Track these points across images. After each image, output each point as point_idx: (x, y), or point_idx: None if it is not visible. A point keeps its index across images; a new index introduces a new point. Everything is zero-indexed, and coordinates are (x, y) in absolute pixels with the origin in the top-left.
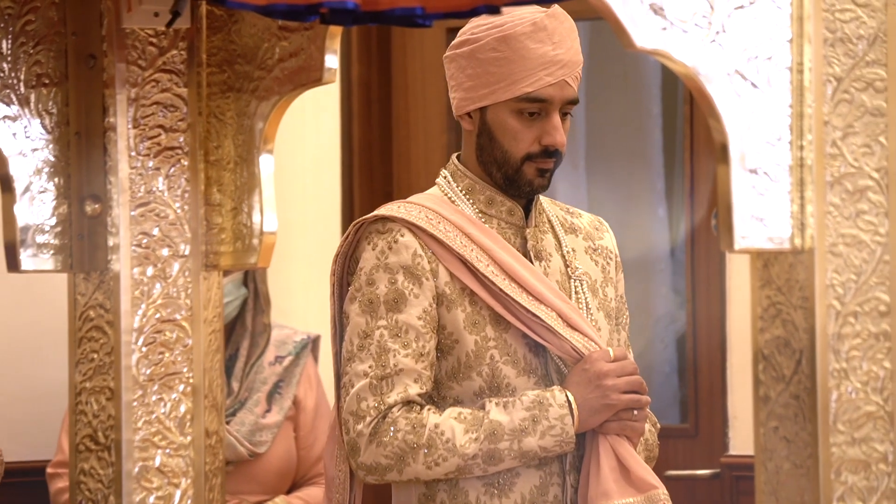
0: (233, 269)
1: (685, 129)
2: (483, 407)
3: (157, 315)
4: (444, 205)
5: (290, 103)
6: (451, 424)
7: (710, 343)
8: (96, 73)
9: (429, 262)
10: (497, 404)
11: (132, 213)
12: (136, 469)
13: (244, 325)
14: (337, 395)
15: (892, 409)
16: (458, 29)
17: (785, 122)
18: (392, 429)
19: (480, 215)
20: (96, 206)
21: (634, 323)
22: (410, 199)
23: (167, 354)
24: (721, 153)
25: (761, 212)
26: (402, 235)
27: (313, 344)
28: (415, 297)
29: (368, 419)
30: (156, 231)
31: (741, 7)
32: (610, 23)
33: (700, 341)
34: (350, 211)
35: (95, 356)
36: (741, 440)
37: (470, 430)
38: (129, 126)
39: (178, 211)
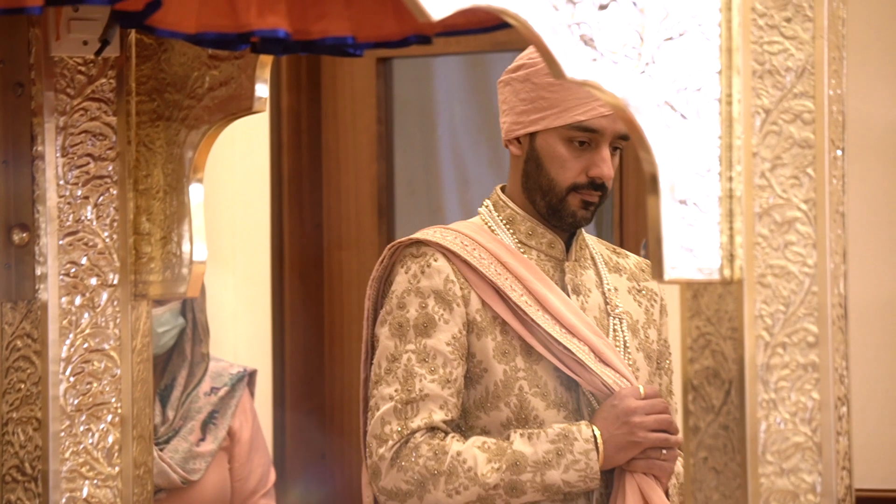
0: (162, 299)
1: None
2: (508, 437)
3: (86, 345)
4: (482, 233)
5: (220, 132)
6: (474, 453)
7: None
8: (24, 101)
9: (461, 289)
10: (522, 435)
11: (60, 242)
12: (64, 500)
13: (182, 355)
14: (363, 419)
15: (821, 440)
16: (388, 59)
17: (714, 153)
18: (414, 454)
19: (520, 245)
20: (24, 235)
21: None
22: (450, 225)
23: (95, 384)
24: (651, 184)
25: (691, 242)
26: (435, 260)
27: (250, 378)
28: (444, 322)
29: (391, 443)
30: (84, 260)
31: (670, 39)
32: (540, 53)
33: None
34: (280, 241)
35: (23, 386)
36: None
37: (493, 460)
38: (58, 154)
39: (107, 240)
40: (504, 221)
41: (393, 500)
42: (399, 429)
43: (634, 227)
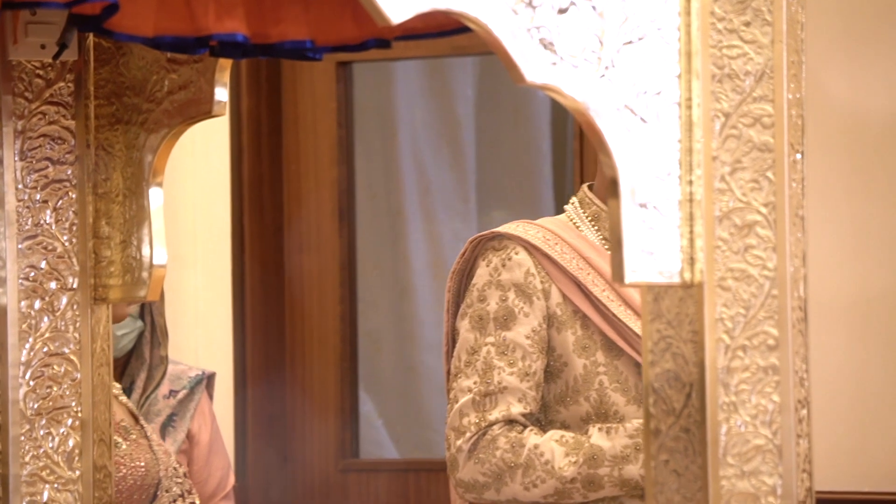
0: (122, 303)
1: (575, 165)
2: (586, 432)
3: (45, 349)
4: (567, 229)
5: (180, 136)
6: (552, 446)
7: None
8: None
9: (541, 282)
10: (600, 429)
11: (19, 245)
12: None
13: (141, 358)
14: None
15: (781, 443)
16: (348, 63)
17: (674, 156)
18: (491, 446)
19: (604, 242)
20: None
21: None
22: (536, 220)
23: (55, 388)
24: (611, 188)
25: (651, 246)
26: (516, 253)
27: (208, 381)
28: (524, 315)
29: (469, 435)
30: (43, 264)
31: (630, 42)
32: (500, 57)
33: None
34: (240, 245)
35: None
36: None
37: (570, 454)
38: (16, 158)
39: (67, 244)
40: (589, 218)
41: (470, 493)
42: (477, 421)
43: None
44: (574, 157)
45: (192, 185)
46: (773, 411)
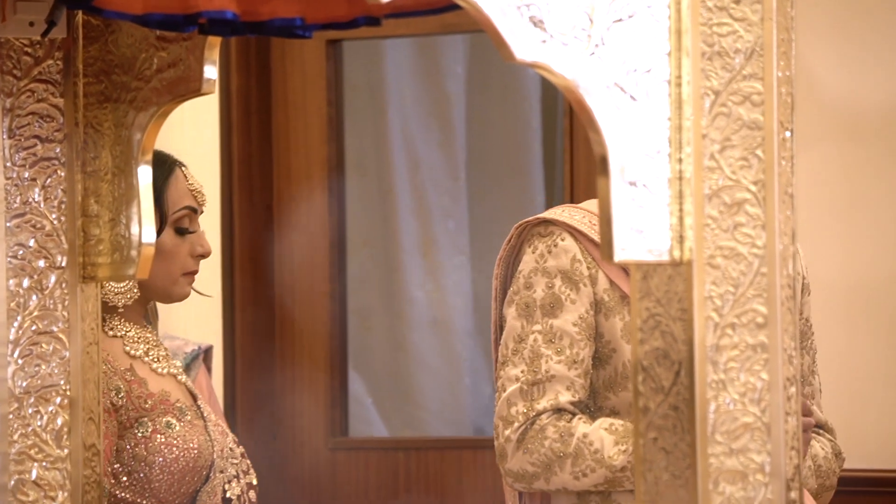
0: (111, 281)
1: (565, 142)
2: None
3: (34, 327)
4: None
5: (169, 114)
6: (601, 435)
7: None
8: None
9: (588, 268)
10: None
11: (8, 224)
12: (13, 482)
13: None
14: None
15: (769, 420)
16: (338, 41)
17: (664, 134)
18: (540, 436)
19: None
20: None
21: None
22: (580, 204)
23: (44, 367)
24: (601, 166)
25: (641, 224)
26: (562, 239)
27: (205, 354)
28: (571, 302)
29: (517, 425)
30: (32, 242)
31: (620, 20)
32: (490, 35)
33: None
34: (230, 222)
35: None
36: None
37: (620, 442)
38: (5, 136)
39: (55, 222)
40: None
41: (519, 483)
42: (525, 410)
43: None
44: (564, 135)
45: None
46: (762, 389)
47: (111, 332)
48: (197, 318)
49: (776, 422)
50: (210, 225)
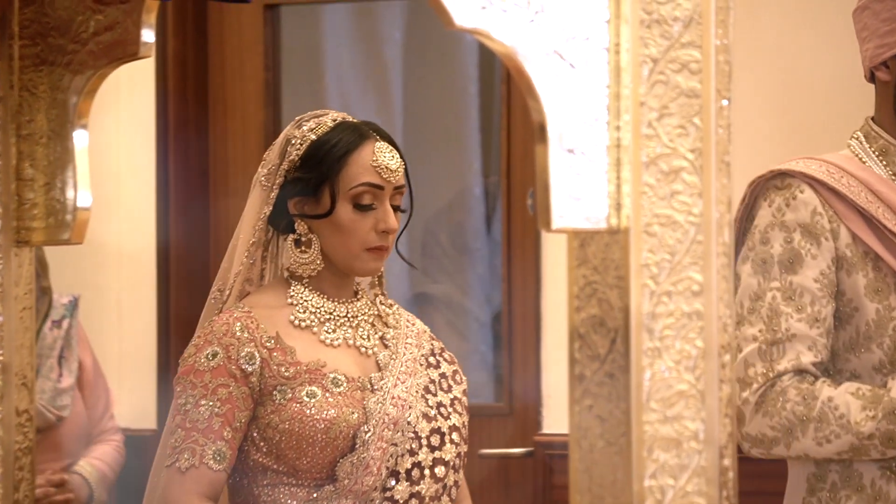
0: (46, 245)
1: (502, 109)
2: (885, 384)
3: None
4: (851, 163)
5: (105, 77)
6: (847, 399)
7: (526, 322)
8: None
9: (829, 222)
10: None
11: None
12: None
13: None
14: None
15: (704, 388)
16: (276, 6)
17: (602, 102)
18: (781, 398)
19: (894, 177)
20: None
21: (451, 302)
22: (817, 155)
23: None
24: (539, 133)
25: (578, 191)
26: (801, 191)
27: (77, 304)
28: (812, 257)
29: (756, 386)
30: None
31: None
32: (430, 1)
33: (515, 320)
34: (165, 187)
35: None
36: (555, 419)
37: (867, 408)
38: None
39: None
40: (877, 153)
41: (758, 447)
42: (764, 371)
43: (521, 176)
44: (501, 102)
45: (117, 128)
46: (697, 357)
47: (289, 300)
48: (131, 283)
49: (711, 389)
50: (145, 190)
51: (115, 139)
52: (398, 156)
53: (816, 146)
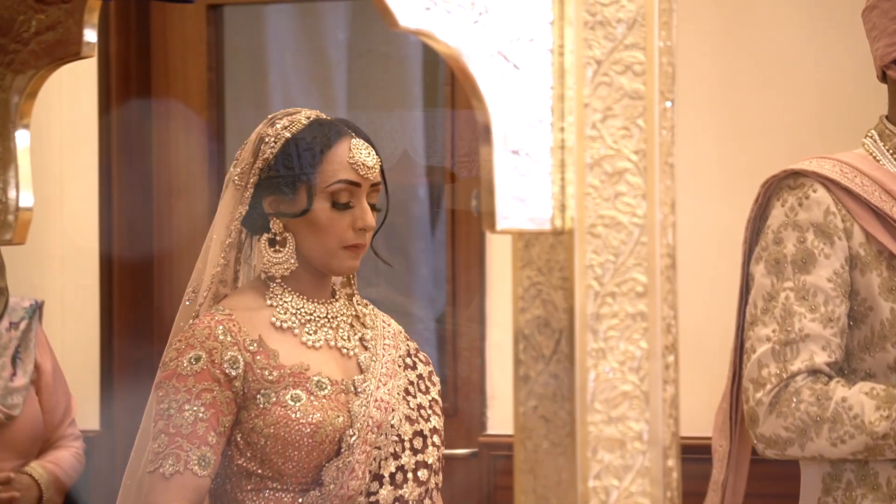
0: None
1: (446, 111)
2: None
3: None
4: (864, 162)
5: (47, 77)
6: (861, 399)
7: (470, 323)
8: None
9: (842, 221)
10: None
11: None
12: None
13: None
14: (737, 362)
15: (648, 389)
16: (219, 6)
17: (546, 103)
18: (794, 399)
19: None
20: None
21: (396, 303)
22: (830, 154)
23: None
24: (484, 134)
25: (523, 193)
26: (814, 191)
27: (39, 310)
28: (825, 257)
29: (769, 387)
30: None
31: None
32: (374, 1)
33: (459, 321)
34: (108, 187)
35: None
36: (499, 420)
37: (882, 407)
38: None
39: None
40: (891, 151)
41: (771, 448)
42: (778, 372)
43: (466, 176)
44: (446, 103)
45: (60, 128)
46: (641, 357)
47: (269, 302)
48: (74, 284)
49: (655, 390)
50: (87, 190)
51: (58, 139)
52: (374, 153)
53: (762, 148)
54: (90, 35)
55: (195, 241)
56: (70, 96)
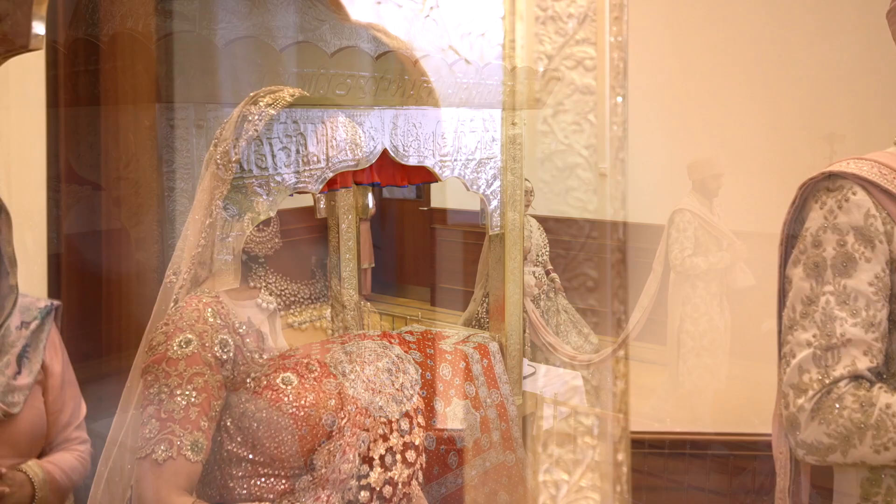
0: None
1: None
2: None
3: None
4: None
5: None
6: None
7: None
8: None
9: (883, 224)
10: None
11: None
12: None
13: None
14: (780, 369)
15: (598, 384)
16: None
17: (498, 98)
18: (837, 405)
19: None
20: None
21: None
22: (865, 155)
23: None
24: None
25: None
26: (853, 194)
27: (56, 312)
28: (866, 261)
29: (811, 393)
30: None
31: None
32: None
33: None
34: (56, 179)
35: None
36: (450, 414)
37: None
38: None
39: None
40: None
41: (813, 455)
42: (820, 377)
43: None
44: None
45: (7, 120)
46: (592, 353)
47: (252, 283)
48: (23, 276)
49: (605, 385)
50: (35, 181)
51: (6, 131)
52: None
53: (705, 137)
54: (38, 27)
55: (144, 229)
56: (17, 88)
